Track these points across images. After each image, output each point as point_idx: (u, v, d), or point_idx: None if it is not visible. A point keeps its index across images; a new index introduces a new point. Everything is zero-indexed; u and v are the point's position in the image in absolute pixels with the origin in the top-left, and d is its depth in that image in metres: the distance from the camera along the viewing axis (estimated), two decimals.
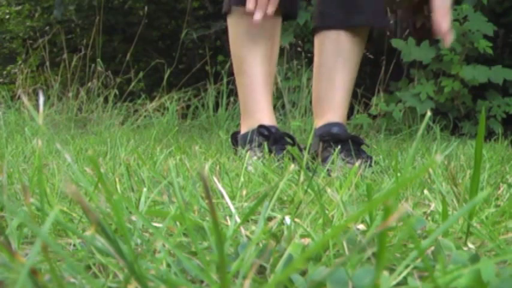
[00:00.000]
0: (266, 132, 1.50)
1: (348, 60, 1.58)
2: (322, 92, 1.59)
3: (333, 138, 1.46)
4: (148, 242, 0.51)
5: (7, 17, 5.26)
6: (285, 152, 1.37)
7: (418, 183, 0.87)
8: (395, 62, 3.46)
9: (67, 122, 3.17)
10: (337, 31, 1.57)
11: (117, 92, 3.55)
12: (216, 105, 3.45)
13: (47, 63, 3.79)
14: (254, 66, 1.58)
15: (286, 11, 1.59)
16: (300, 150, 1.48)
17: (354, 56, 1.59)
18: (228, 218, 0.59)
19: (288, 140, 1.52)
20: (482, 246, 0.54)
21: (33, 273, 0.32)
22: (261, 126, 1.51)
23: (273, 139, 1.47)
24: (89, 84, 3.60)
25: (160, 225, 0.56)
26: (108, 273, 0.45)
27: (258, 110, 1.57)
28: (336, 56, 1.58)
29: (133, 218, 0.55)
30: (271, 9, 1.46)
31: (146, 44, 4.79)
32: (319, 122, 1.56)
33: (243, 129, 1.61)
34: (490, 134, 3.00)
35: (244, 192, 0.77)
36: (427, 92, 3.08)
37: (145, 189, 0.65)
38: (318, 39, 1.62)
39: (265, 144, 1.41)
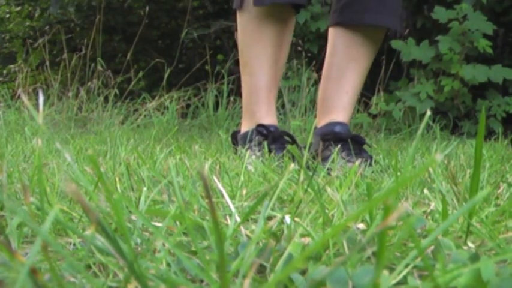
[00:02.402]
0: (265, 132, 1.50)
1: (360, 64, 1.55)
2: (330, 92, 1.56)
3: (334, 137, 1.45)
4: (148, 241, 0.51)
5: (7, 16, 5.26)
6: (284, 151, 1.37)
7: (418, 183, 0.87)
8: (395, 61, 3.46)
9: (67, 121, 3.17)
10: (351, 33, 1.53)
11: (117, 92, 3.55)
12: (216, 105, 3.45)
13: (47, 63, 3.79)
14: (260, 66, 1.56)
15: None
16: (300, 149, 1.48)
17: (365, 60, 1.56)
18: (228, 217, 0.59)
19: (287, 139, 1.51)
20: (482, 245, 0.54)
21: (33, 272, 0.32)
22: (259, 126, 1.51)
23: (272, 138, 1.47)
24: (89, 83, 3.60)
25: (160, 224, 0.56)
26: (108, 272, 0.45)
27: (260, 110, 1.57)
28: (348, 58, 1.54)
29: (133, 217, 0.55)
30: None
31: (146, 43, 4.79)
32: (321, 121, 1.54)
33: (243, 128, 1.60)
34: (490, 133, 3.01)
35: (244, 192, 0.77)
36: (426, 92, 3.08)
37: (145, 189, 0.65)
38: (331, 40, 1.58)
39: (265, 143, 1.41)
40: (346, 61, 1.55)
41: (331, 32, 1.59)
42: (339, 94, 1.55)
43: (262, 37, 1.54)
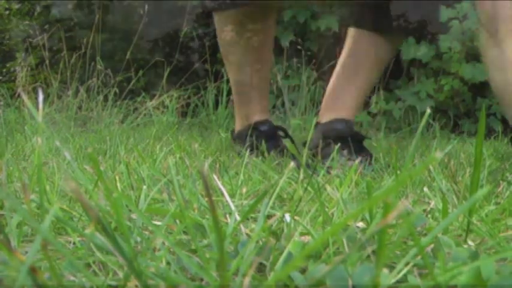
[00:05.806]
0: (257, 133, 1.50)
1: (375, 67, 1.55)
2: (339, 90, 1.54)
3: (335, 136, 1.44)
4: (148, 240, 0.51)
5: (7, 12, 5.26)
6: (278, 149, 1.38)
7: (418, 181, 0.87)
8: (395, 60, 3.46)
9: (67, 120, 3.17)
10: (373, 37, 1.53)
11: (117, 90, 3.55)
12: (216, 103, 3.45)
13: (47, 62, 3.79)
14: (243, 64, 1.54)
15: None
16: (293, 143, 1.48)
17: (381, 64, 1.56)
18: (227, 215, 0.59)
19: (281, 133, 1.52)
20: (482, 243, 0.54)
21: (33, 271, 0.32)
22: (251, 128, 1.51)
23: (265, 137, 1.48)
24: (89, 82, 3.60)
25: (160, 223, 0.56)
26: (108, 271, 0.45)
27: (250, 107, 1.56)
28: (365, 61, 1.53)
29: (133, 216, 0.55)
30: None
31: (146, 42, 4.79)
32: (325, 117, 1.51)
33: (237, 127, 1.61)
34: (489, 132, 3.01)
35: (244, 190, 0.77)
36: (426, 90, 3.08)
37: (145, 187, 0.65)
38: (350, 39, 1.56)
39: (259, 144, 1.42)
40: (362, 64, 1.53)
41: (352, 33, 1.57)
42: (349, 93, 1.52)
43: (241, 35, 1.53)
